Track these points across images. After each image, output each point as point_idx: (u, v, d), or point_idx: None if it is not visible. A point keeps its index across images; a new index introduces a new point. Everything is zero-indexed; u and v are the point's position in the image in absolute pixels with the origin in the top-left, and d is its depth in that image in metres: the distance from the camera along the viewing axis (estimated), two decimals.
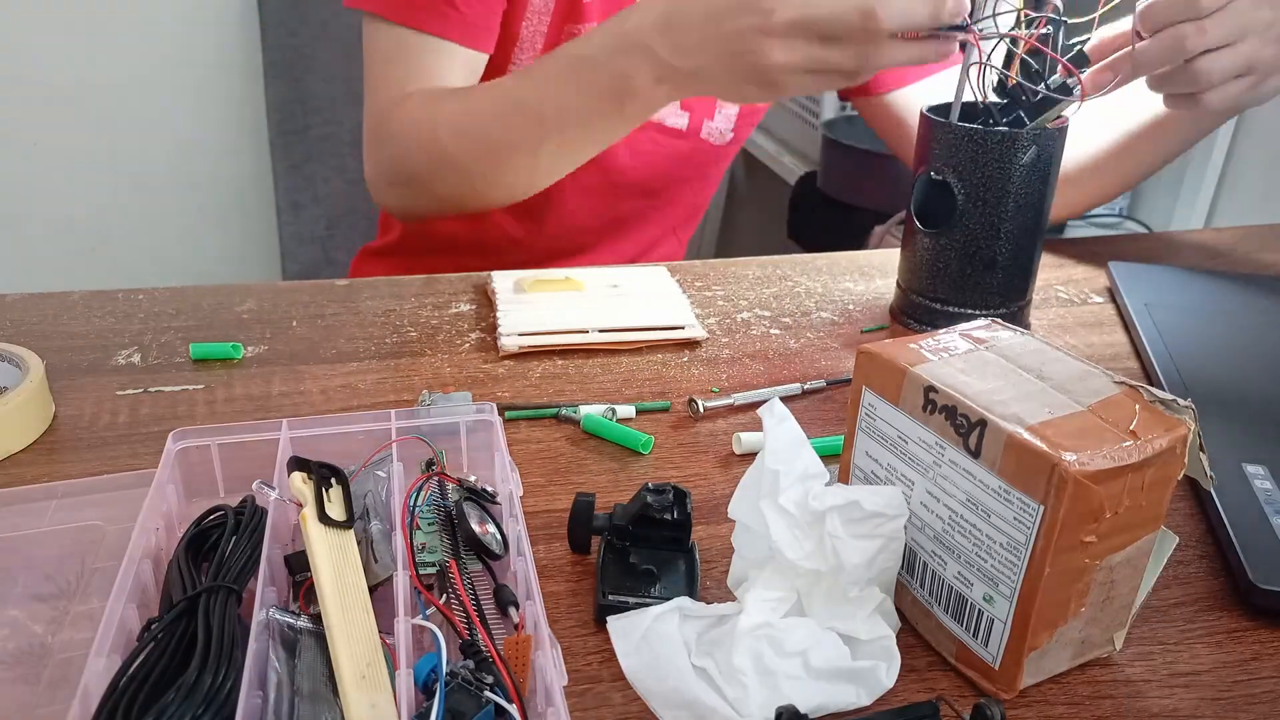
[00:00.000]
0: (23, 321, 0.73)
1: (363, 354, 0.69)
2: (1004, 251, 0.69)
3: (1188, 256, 0.93)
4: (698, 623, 0.42)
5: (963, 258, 0.70)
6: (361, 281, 0.81)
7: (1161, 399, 0.40)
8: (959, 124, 0.67)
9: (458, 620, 0.42)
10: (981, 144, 0.66)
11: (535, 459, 0.58)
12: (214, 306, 0.76)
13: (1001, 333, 0.46)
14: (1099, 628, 0.42)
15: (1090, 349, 0.74)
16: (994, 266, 0.70)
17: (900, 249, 0.76)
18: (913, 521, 0.44)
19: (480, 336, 0.72)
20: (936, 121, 0.68)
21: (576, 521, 0.48)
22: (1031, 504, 0.38)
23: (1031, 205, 0.68)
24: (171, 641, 0.39)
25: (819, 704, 0.40)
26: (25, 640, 0.43)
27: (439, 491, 0.49)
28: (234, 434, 0.51)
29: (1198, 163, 1.65)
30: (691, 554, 0.48)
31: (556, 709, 0.36)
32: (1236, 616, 0.47)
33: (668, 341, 0.71)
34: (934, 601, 0.44)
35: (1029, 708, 0.42)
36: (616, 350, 0.70)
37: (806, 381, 0.66)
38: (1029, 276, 0.72)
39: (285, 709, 0.38)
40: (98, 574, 0.47)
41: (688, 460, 0.58)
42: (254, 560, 0.43)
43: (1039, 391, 0.41)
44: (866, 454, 0.46)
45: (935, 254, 0.71)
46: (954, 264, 0.70)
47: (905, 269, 0.75)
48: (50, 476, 0.55)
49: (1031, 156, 0.65)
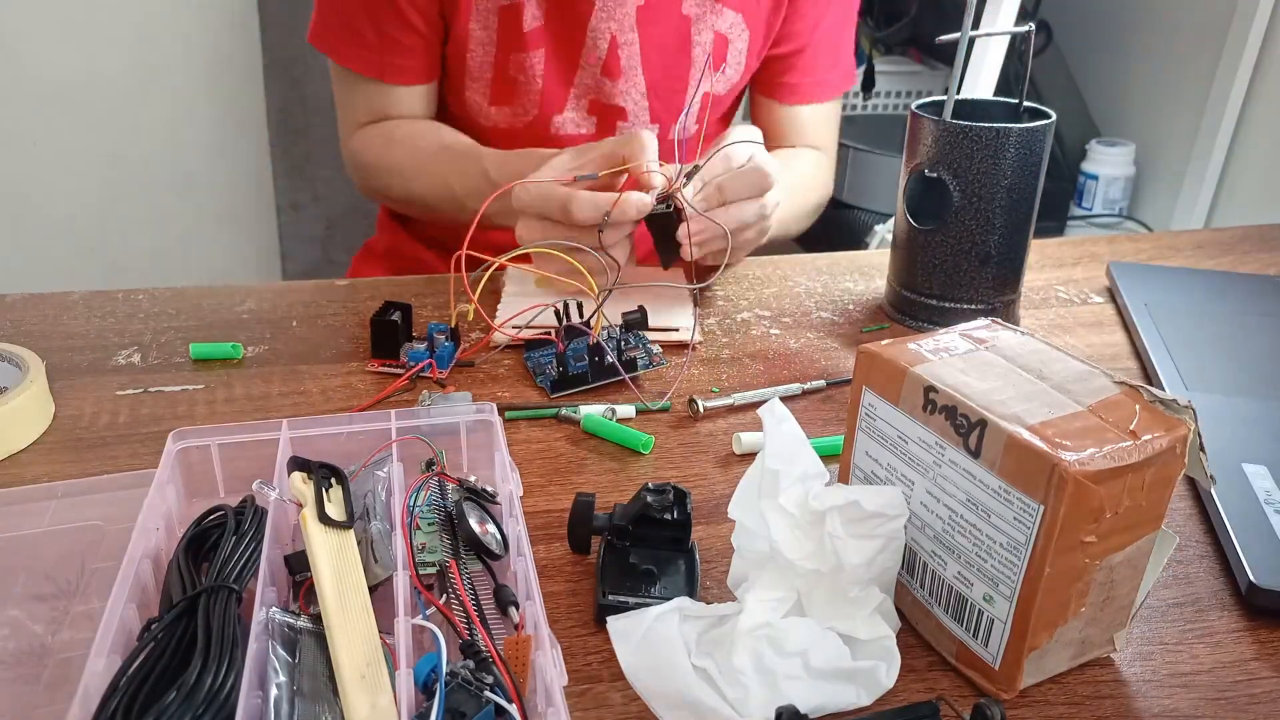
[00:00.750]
0: (23, 321, 0.73)
1: (363, 354, 0.69)
2: (997, 245, 0.69)
3: (1188, 256, 0.93)
4: (698, 623, 0.42)
5: (958, 253, 0.70)
6: (362, 281, 0.81)
7: (1161, 399, 0.40)
8: (952, 120, 0.68)
9: (458, 620, 0.42)
10: (976, 140, 0.67)
11: (535, 459, 0.58)
12: (214, 306, 0.76)
13: (1002, 333, 0.46)
14: (1099, 628, 0.42)
15: (1090, 349, 0.74)
16: (988, 260, 0.70)
17: (890, 247, 0.76)
18: (913, 521, 0.44)
19: (480, 337, 0.72)
20: (930, 119, 0.68)
21: (576, 521, 0.48)
22: (1031, 504, 0.38)
23: (1024, 199, 0.68)
24: (171, 641, 0.39)
25: (819, 704, 0.40)
26: (25, 640, 0.43)
27: (439, 491, 0.49)
28: (234, 434, 0.51)
29: (1198, 163, 1.65)
30: (691, 554, 0.48)
31: (556, 709, 0.36)
32: (1236, 616, 0.47)
33: (662, 342, 0.71)
34: (934, 601, 0.44)
35: (1029, 708, 0.42)
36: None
37: (806, 381, 0.66)
38: (1020, 270, 0.72)
39: (285, 709, 0.38)
40: (98, 574, 0.47)
41: (688, 460, 0.58)
42: (254, 560, 0.43)
43: (1039, 391, 0.41)
44: (866, 454, 0.46)
45: (929, 250, 0.71)
46: (949, 259, 0.71)
47: (897, 266, 0.75)
48: (50, 476, 0.55)
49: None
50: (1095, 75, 1.89)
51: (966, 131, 0.67)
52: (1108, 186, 1.77)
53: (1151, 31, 1.76)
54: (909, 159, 0.71)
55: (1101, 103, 1.88)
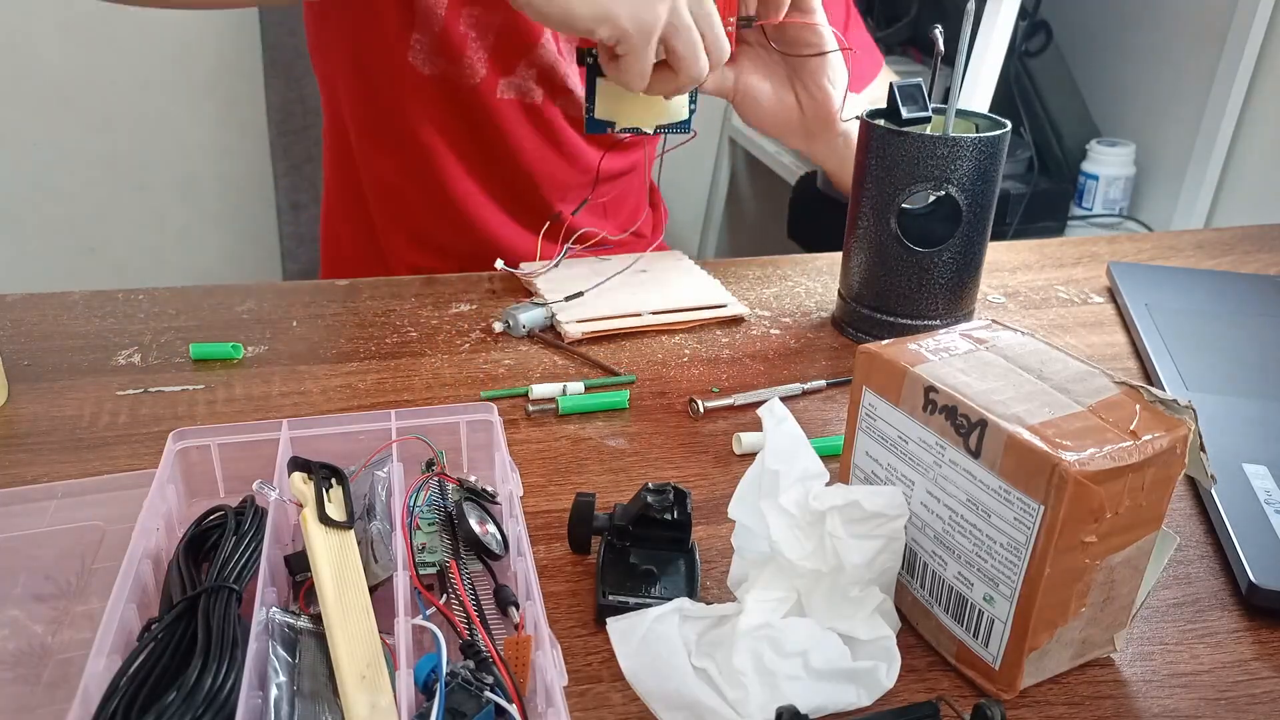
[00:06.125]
0: (23, 321, 0.73)
1: (363, 354, 0.69)
2: (948, 261, 0.68)
3: (1188, 256, 0.93)
4: (698, 623, 0.42)
5: (961, 268, 0.68)
6: (362, 281, 0.81)
7: (1161, 399, 0.40)
8: (960, 135, 0.64)
9: (458, 620, 0.42)
10: (985, 151, 0.64)
11: (535, 459, 0.58)
12: (214, 306, 0.76)
13: (1002, 333, 0.46)
14: (1099, 628, 0.42)
15: (1090, 349, 0.74)
16: (979, 267, 0.69)
17: (864, 276, 0.71)
18: (913, 521, 0.44)
19: (480, 337, 0.72)
20: (937, 137, 0.64)
21: (576, 521, 0.48)
22: (1032, 504, 0.38)
23: (980, 211, 0.67)
24: (171, 641, 0.39)
25: (819, 704, 0.40)
26: (25, 640, 0.43)
27: (439, 491, 0.49)
28: (234, 434, 0.51)
29: (1198, 163, 1.65)
30: (691, 554, 0.48)
31: (556, 709, 0.36)
32: (1236, 616, 0.47)
33: (712, 320, 0.75)
34: (934, 601, 0.44)
35: (1029, 708, 0.42)
36: (661, 331, 0.74)
37: (806, 381, 0.66)
38: (975, 286, 0.71)
39: (285, 709, 0.38)
40: (98, 574, 0.47)
41: (688, 460, 0.58)
42: (254, 560, 0.43)
43: (1039, 391, 0.41)
44: (866, 454, 0.46)
45: (926, 272, 0.68)
46: (949, 277, 0.68)
47: (884, 293, 0.70)
48: (50, 476, 0.55)
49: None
50: (1095, 75, 1.89)
51: (977, 144, 0.64)
52: (1108, 186, 1.77)
53: (1151, 31, 1.76)
54: (899, 185, 0.66)
55: (1101, 103, 1.88)
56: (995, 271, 0.88)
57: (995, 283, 0.85)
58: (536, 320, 0.72)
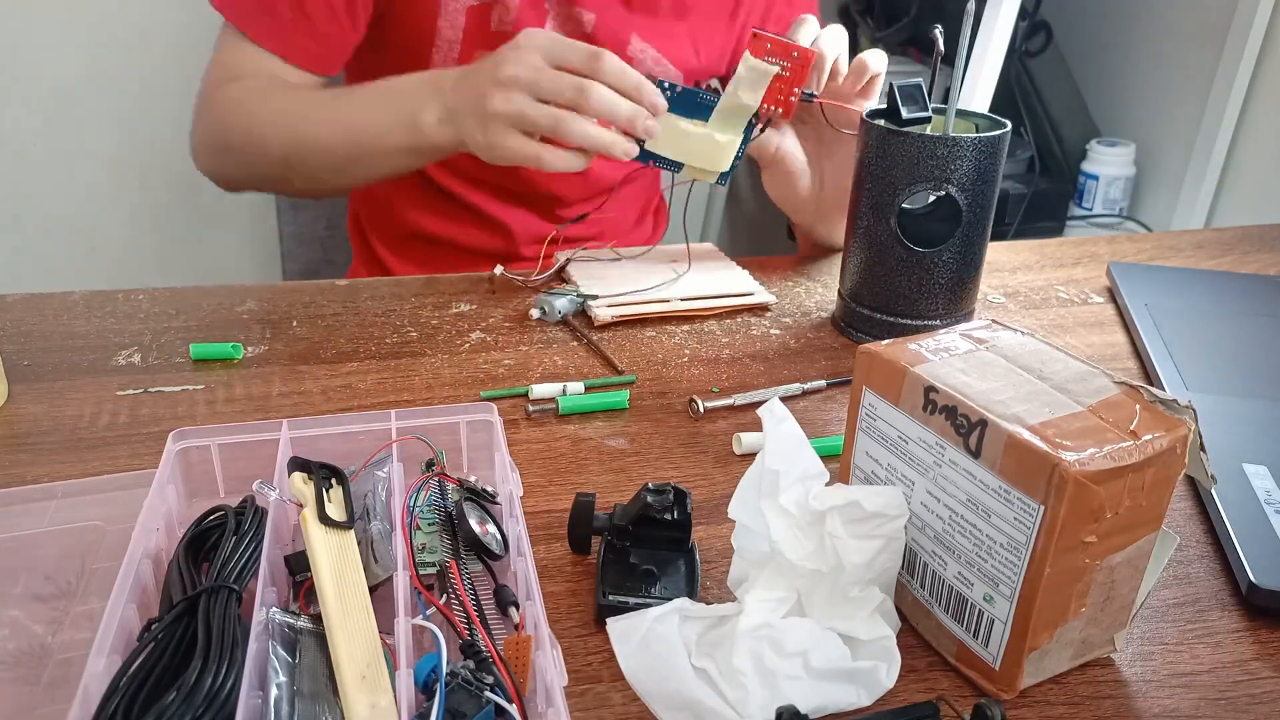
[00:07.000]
0: (23, 321, 0.73)
1: (363, 354, 0.69)
2: (948, 260, 0.68)
3: (1188, 257, 0.93)
4: (698, 623, 0.42)
5: (961, 268, 0.68)
6: (361, 282, 0.81)
7: (1161, 399, 0.40)
8: (960, 135, 0.64)
9: (458, 620, 0.42)
10: (985, 151, 0.64)
11: (535, 459, 0.58)
12: (214, 306, 0.76)
13: (1002, 333, 0.46)
14: (1099, 628, 0.42)
15: (1090, 349, 0.74)
16: (979, 267, 0.69)
17: (864, 276, 0.71)
18: (913, 521, 0.44)
19: (480, 337, 0.72)
20: (937, 137, 0.64)
21: (576, 521, 0.48)
22: (1032, 504, 0.38)
23: (980, 212, 0.67)
24: (171, 641, 0.39)
25: (819, 704, 0.40)
26: (25, 640, 0.43)
27: (439, 491, 0.49)
28: (234, 434, 0.51)
29: (1198, 163, 1.65)
30: (691, 554, 0.48)
31: (556, 709, 0.36)
32: (1236, 616, 0.47)
33: (739, 307, 0.78)
34: (934, 601, 0.44)
35: (1029, 708, 0.42)
36: (685, 317, 0.76)
37: (806, 381, 0.66)
38: (975, 285, 0.71)
39: (285, 709, 0.38)
40: (98, 574, 0.47)
41: (688, 460, 0.58)
42: (254, 560, 0.43)
43: (1039, 391, 0.41)
44: (866, 454, 0.46)
45: (926, 272, 0.68)
46: (949, 276, 0.68)
47: (884, 293, 0.70)
48: (50, 476, 0.55)
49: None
50: (1095, 75, 1.89)
51: (978, 144, 0.64)
52: (1108, 186, 1.77)
53: (1151, 31, 1.76)
54: (898, 184, 0.66)
55: (1101, 103, 1.88)
56: (995, 271, 0.88)
57: (995, 283, 0.85)
58: (570, 307, 0.76)
